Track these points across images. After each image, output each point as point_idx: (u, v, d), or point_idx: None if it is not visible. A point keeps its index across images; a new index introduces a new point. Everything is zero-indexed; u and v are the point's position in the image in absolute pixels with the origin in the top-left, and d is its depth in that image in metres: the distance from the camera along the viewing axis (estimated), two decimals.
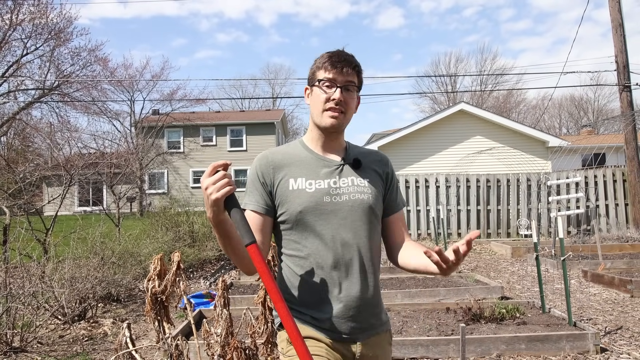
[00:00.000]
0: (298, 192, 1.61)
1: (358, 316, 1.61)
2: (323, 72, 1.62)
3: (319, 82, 1.62)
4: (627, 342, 4.69)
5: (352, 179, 1.66)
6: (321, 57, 1.65)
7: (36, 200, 13.88)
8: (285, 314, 1.36)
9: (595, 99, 49.45)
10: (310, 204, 1.59)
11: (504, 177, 13.48)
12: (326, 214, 1.60)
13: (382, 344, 1.69)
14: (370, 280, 1.64)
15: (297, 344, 1.35)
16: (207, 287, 7.79)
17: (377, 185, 1.70)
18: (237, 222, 1.40)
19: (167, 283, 2.92)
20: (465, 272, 8.55)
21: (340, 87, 1.60)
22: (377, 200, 1.68)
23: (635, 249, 10.32)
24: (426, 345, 4.31)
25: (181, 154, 30.71)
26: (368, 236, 1.64)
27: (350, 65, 1.62)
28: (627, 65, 12.81)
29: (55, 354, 4.80)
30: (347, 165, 1.68)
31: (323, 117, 1.63)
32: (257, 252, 1.38)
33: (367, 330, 1.64)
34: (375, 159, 1.76)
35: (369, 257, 1.64)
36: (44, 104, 24.22)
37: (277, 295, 1.37)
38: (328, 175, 1.65)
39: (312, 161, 1.67)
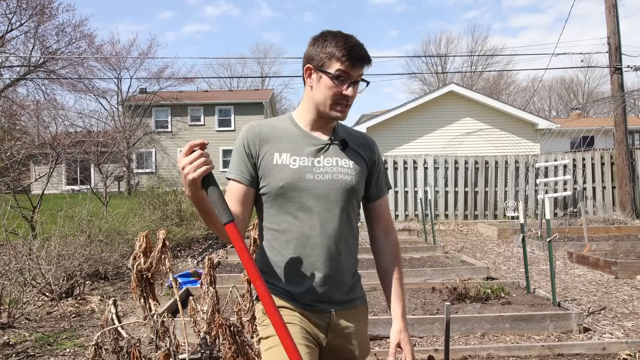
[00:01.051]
0: (281, 167, 1.61)
1: (332, 291, 1.63)
2: (338, 64, 1.57)
3: (333, 76, 1.58)
4: (610, 322, 4.77)
5: (337, 159, 1.66)
6: (336, 45, 1.58)
7: (23, 178, 13.74)
8: (262, 290, 1.37)
9: (585, 82, 49.68)
10: (292, 180, 1.60)
11: (492, 159, 13.54)
12: (307, 190, 1.61)
13: (357, 317, 1.72)
14: (347, 257, 1.67)
15: (272, 315, 1.36)
16: (194, 265, 7.80)
17: (361, 168, 1.71)
18: (214, 201, 1.40)
19: (153, 260, 2.91)
20: (452, 252, 8.63)
21: (353, 82, 1.60)
22: (360, 182, 1.69)
23: (620, 231, 10.46)
24: (411, 324, 4.35)
25: (169, 134, 30.46)
26: (347, 215, 1.66)
27: (368, 63, 1.61)
28: (619, 47, 12.82)
29: (43, 330, 4.79)
30: (333, 145, 1.69)
31: (331, 109, 1.62)
32: (234, 231, 1.38)
33: (341, 304, 1.67)
34: (362, 143, 1.77)
35: (346, 235, 1.66)
36: (30, 82, 23.87)
37: (255, 272, 1.37)
38: (313, 154, 1.65)
39: (298, 138, 1.67)
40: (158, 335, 3.05)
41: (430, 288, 5.72)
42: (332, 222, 1.62)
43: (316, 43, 1.62)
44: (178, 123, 30.62)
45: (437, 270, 6.62)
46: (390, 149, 16.46)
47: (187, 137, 29.85)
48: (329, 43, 1.59)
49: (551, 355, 3.82)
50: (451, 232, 11.93)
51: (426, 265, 7.38)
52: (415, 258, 8.03)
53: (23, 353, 4.19)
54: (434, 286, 5.74)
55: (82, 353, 4.19)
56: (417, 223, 12.21)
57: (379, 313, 4.86)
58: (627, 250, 8.18)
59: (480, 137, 15.10)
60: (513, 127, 16.77)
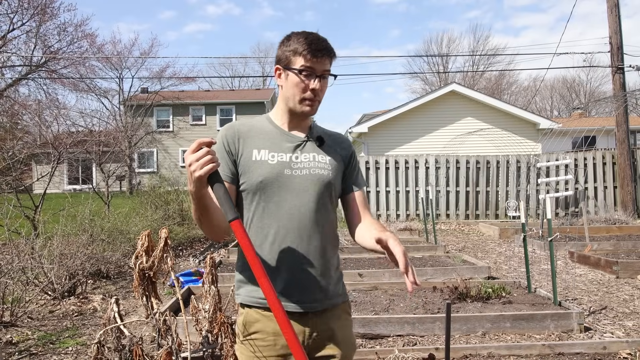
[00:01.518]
0: (260, 162, 1.65)
1: (310, 287, 1.64)
2: (302, 60, 1.62)
3: (297, 71, 1.63)
4: (611, 322, 4.78)
5: (314, 155, 1.71)
6: (297, 41, 1.64)
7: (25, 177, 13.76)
8: (266, 287, 1.38)
9: (587, 82, 49.61)
10: (270, 175, 1.64)
11: (493, 159, 13.54)
12: (285, 186, 1.64)
13: (338, 315, 1.73)
14: (325, 253, 1.68)
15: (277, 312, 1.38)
16: (196, 265, 7.82)
17: (338, 164, 1.75)
18: (220, 198, 1.42)
19: (155, 259, 2.92)
20: (453, 252, 8.64)
21: (319, 76, 1.64)
22: (336, 177, 1.73)
23: (622, 231, 10.45)
24: (412, 323, 4.36)
25: (170, 133, 30.47)
26: (324, 210, 1.69)
27: (330, 55, 1.64)
28: (621, 46, 12.81)
29: (46, 328, 4.81)
30: (310, 141, 1.73)
31: (300, 105, 1.66)
32: (240, 228, 1.40)
33: (319, 302, 1.67)
34: (338, 141, 1.82)
35: (324, 231, 1.68)
36: (31, 81, 23.90)
37: (260, 269, 1.38)
38: (291, 150, 1.69)
39: (276, 135, 1.72)
40: (160, 334, 3.07)
41: (431, 287, 5.73)
42: (311, 216, 1.64)
43: (282, 44, 1.68)
44: (179, 123, 30.63)
45: (438, 269, 6.63)
46: (391, 148, 16.48)
47: (189, 136, 29.87)
48: (292, 42, 1.65)
49: (552, 354, 3.83)
50: (452, 232, 11.93)
51: (427, 264, 7.39)
52: (416, 257, 8.04)
53: (26, 351, 4.21)
54: (435, 285, 5.74)
55: (85, 351, 4.21)
56: (419, 223, 12.21)
57: (380, 312, 4.87)
58: (628, 250, 8.18)
59: (482, 136, 15.10)
60: (514, 127, 16.77)
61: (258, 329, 1.65)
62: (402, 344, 4.13)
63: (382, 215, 13.44)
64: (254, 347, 1.65)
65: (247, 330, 1.67)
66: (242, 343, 1.69)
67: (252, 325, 1.66)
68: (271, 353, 1.64)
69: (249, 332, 1.67)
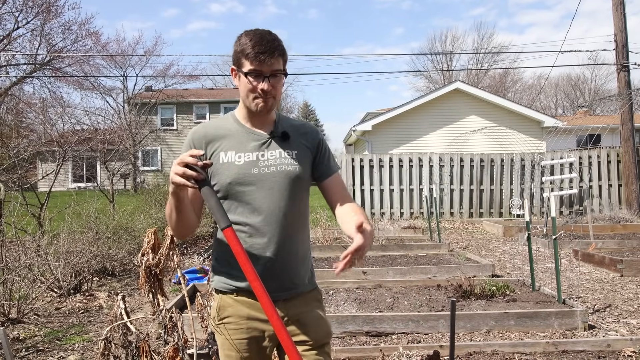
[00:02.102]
0: (228, 164, 1.71)
1: (280, 276, 1.71)
2: (248, 64, 1.66)
3: (245, 74, 1.67)
4: (615, 320, 4.78)
5: (280, 151, 1.75)
6: (245, 42, 1.66)
7: (30, 175, 13.82)
8: (259, 290, 1.46)
9: (592, 79, 49.45)
10: (238, 176, 1.70)
11: (497, 157, 13.51)
12: (254, 184, 1.70)
13: (307, 301, 1.80)
14: (295, 245, 1.75)
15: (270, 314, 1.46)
16: (200, 262, 7.85)
17: (305, 156, 1.80)
18: (212, 207, 1.50)
19: (161, 256, 2.95)
20: (457, 250, 8.65)
21: (267, 76, 1.67)
22: (304, 170, 1.77)
23: (626, 229, 10.44)
24: (416, 321, 4.38)
25: (174, 131, 30.55)
26: (294, 204, 1.74)
27: (274, 55, 1.66)
28: (626, 44, 12.77)
29: (52, 325, 4.85)
30: (275, 138, 1.77)
31: (253, 104, 1.71)
32: (232, 235, 1.47)
33: (288, 290, 1.74)
34: (304, 131, 1.85)
35: (294, 223, 1.74)
36: (36, 79, 23.98)
37: (252, 272, 1.47)
38: (256, 148, 1.74)
39: (241, 135, 1.77)
40: (166, 330, 3.09)
41: (435, 285, 5.74)
42: (280, 212, 1.70)
43: (235, 44, 1.72)
44: (183, 121, 30.69)
45: (442, 267, 6.64)
46: (395, 146, 16.47)
47: None
48: (241, 42, 1.68)
49: (555, 351, 3.84)
50: (456, 230, 11.93)
51: (431, 262, 7.39)
52: (420, 256, 8.05)
53: (32, 348, 4.25)
54: (439, 283, 5.76)
55: (91, 348, 4.24)
56: (422, 221, 12.21)
57: (384, 310, 4.89)
58: (632, 249, 8.18)
59: (486, 134, 15.08)
60: (519, 125, 16.74)
61: (230, 313, 1.74)
62: (407, 342, 4.15)
63: (387, 213, 13.45)
64: (227, 330, 1.74)
65: (220, 314, 1.76)
66: (217, 327, 1.78)
67: (225, 309, 1.75)
68: (243, 336, 1.73)
69: (222, 316, 1.76)
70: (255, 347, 1.74)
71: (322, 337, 1.78)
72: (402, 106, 17.09)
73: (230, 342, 1.73)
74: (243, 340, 1.72)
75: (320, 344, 1.76)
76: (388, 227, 11.16)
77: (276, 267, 1.70)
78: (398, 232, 10.67)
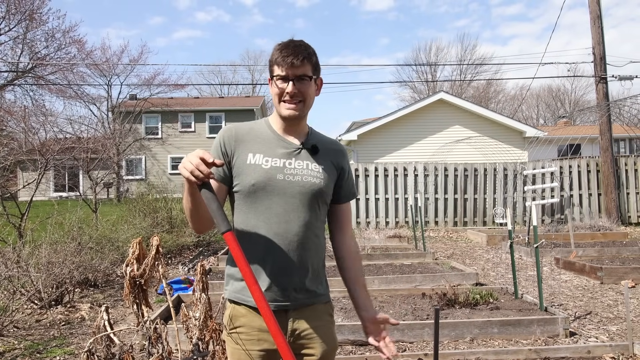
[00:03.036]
0: (254, 166, 1.71)
1: (292, 288, 1.71)
2: (277, 68, 1.69)
3: (272, 79, 1.71)
4: (596, 327, 4.85)
5: (308, 163, 1.76)
6: (274, 50, 1.71)
7: (10, 185, 13.61)
8: (258, 295, 1.45)
9: (572, 91, 50.27)
10: (263, 179, 1.70)
11: (481, 167, 13.66)
12: (277, 190, 1.70)
13: (319, 315, 1.79)
14: (310, 257, 1.74)
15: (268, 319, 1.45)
16: (185, 272, 7.79)
17: (331, 174, 1.81)
18: (213, 212, 1.48)
19: (146, 267, 2.93)
20: (442, 259, 8.70)
21: (293, 79, 1.68)
22: (328, 187, 1.79)
23: (606, 237, 10.60)
24: (401, 330, 4.40)
25: (159, 140, 30.34)
26: (313, 217, 1.74)
27: (299, 58, 1.68)
28: (604, 57, 13.03)
29: (32, 337, 4.78)
30: (305, 149, 1.78)
31: (281, 108, 1.73)
32: (232, 240, 1.47)
33: (300, 301, 1.73)
34: (334, 149, 1.87)
35: (311, 236, 1.74)
36: (18, 87, 23.70)
37: (251, 277, 1.46)
38: (285, 156, 1.75)
39: (272, 140, 1.77)
40: (150, 342, 3.07)
41: (420, 294, 5.78)
42: (298, 222, 1.71)
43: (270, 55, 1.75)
44: (168, 129, 30.51)
45: (427, 276, 6.68)
46: (380, 156, 16.56)
47: (178, 143, 29.78)
48: (273, 52, 1.72)
49: (538, 358, 3.88)
50: (441, 239, 12.01)
51: (416, 271, 7.43)
52: (405, 264, 8.09)
53: None
54: (424, 292, 5.79)
55: None
56: (407, 230, 12.27)
57: None
58: (612, 256, 8.31)
59: (470, 144, 15.25)
60: (501, 135, 16.96)
61: (243, 323, 1.73)
62: None
63: (372, 222, 13.49)
64: (238, 340, 1.72)
65: (232, 323, 1.75)
66: (228, 335, 1.76)
67: (238, 319, 1.74)
68: (254, 347, 1.71)
69: (234, 325, 1.74)
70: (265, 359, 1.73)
71: (329, 352, 1.79)
72: (387, 116, 17.22)
73: (241, 352, 1.72)
74: (254, 352, 1.71)
75: (326, 358, 1.78)
76: (374, 236, 11.20)
77: (290, 278, 1.70)
78: (383, 241, 10.71)
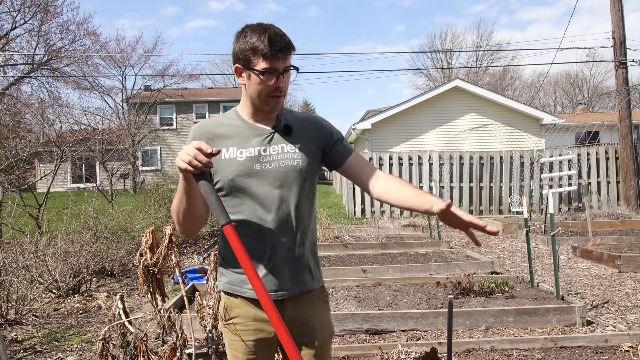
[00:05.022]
0: (229, 161, 1.68)
1: (285, 274, 1.69)
2: (262, 62, 1.59)
3: (259, 72, 1.61)
4: (613, 315, 4.78)
5: (282, 146, 1.72)
6: (256, 39, 1.59)
7: (28, 176, 13.81)
8: (259, 287, 1.44)
9: (590, 77, 49.42)
10: (240, 172, 1.67)
11: (497, 155, 13.51)
12: (256, 180, 1.67)
13: (314, 302, 1.78)
14: (300, 241, 1.72)
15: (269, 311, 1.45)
16: (200, 262, 7.84)
17: (311, 148, 1.75)
18: (212, 204, 1.47)
19: (159, 256, 2.94)
20: (457, 247, 8.65)
21: (281, 73, 1.63)
22: (309, 164, 1.73)
23: (625, 225, 10.44)
24: (416, 318, 4.38)
25: (174, 131, 30.55)
26: (300, 199, 1.71)
27: (289, 52, 1.63)
28: (624, 41, 12.76)
29: (50, 326, 4.85)
30: (277, 132, 1.74)
31: (265, 103, 1.67)
32: (232, 232, 1.45)
33: (294, 288, 1.71)
34: (308, 122, 1.81)
35: (298, 219, 1.71)
36: (34, 80, 23.95)
37: (252, 269, 1.45)
38: (258, 144, 1.71)
39: (244, 130, 1.73)
40: (165, 330, 3.09)
41: (434, 283, 5.75)
42: (285, 208, 1.68)
43: (238, 40, 1.64)
44: (183, 120, 30.69)
45: (441, 265, 6.64)
46: (395, 145, 16.46)
47: None
48: (249, 38, 1.60)
49: (554, 347, 3.84)
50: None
51: (431, 260, 7.40)
52: (420, 253, 8.05)
53: (31, 349, 4.24)
54: (439, 281, 5.76)
55: (90, 348, 4.24)
56: (422, 219, 12.21)
57: (384, 307, 4.89)
58: (631, 245, 8.18)
59: (485, 132, 15.08)
60: (518, 123, 16.73)
61: (238, 313, 1.73)
62: (406, 339, 4.15)
63: (386, 211, 13.44)
64: (235, 331, 1.72)
65: (228, 314, 1.75)
66: (224, 327, 1.77)
67: (233, 309, 1.73)
68: (250, 337, 1.71)
69: (230, 316, 1.74)
70: (262, 348, 1.73)
71: (326, 338, 1.79)
72: (401, 104, 17.08)
73: (238, 342, 1.72)
74: (250, 342, 1.71)
75: (323, 344, 1.77)
76: (388, 225, 11.16)
77: (283, 267, 1.68)
78: (398, 230, 10.67)
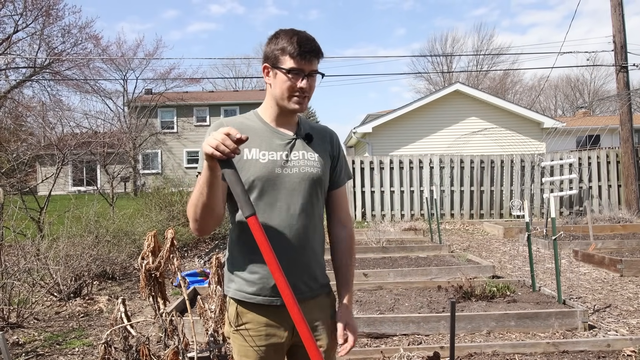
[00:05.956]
0: (252, 161, 1.69)
1: (297, 278, 1.69)
2: (290, 61, 1.65)
3: (286, 71, 1.66)
4: (615, 320, 4.78)
5: (303, 152, 1.75)
6: (286, 40, 1.65)
7: (29, 179, 13.83)
8: (281, 282, 1.41)
9: (591, 80, 49.42)
10: (262, 174, 1.68)
11: (497, 158, 13.52)
12: (277, 184, 1.69)
13: (322, 307, 1.80)
14: (312, 248, 1.74)
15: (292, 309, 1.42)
16: (201, 265, 7.84)
17: (326, 160, 1.80)
18: (237, 195, 1.44)
19: (161, 259, 2.94)
20: (458, 251, 8.64)
21: (307, 75, 1.67)
22: (325, 173, 1.78)
23: (626, 229, 10.43)
24: (417, 322, 4.37)
25: (175, 134, 30.59)
26: (312, 206, 1.74)
27: (317, 55, 1.68)
28: (625, 45, 12.77)
29: (52, 329, 4.84)
30: (299, 139, 1.77)
31: (289, 103, 1.70)
32: (256, 224, 1.42)
33: (304, 293, 1.72)
34: (324, 135, 1.85)
35: (314, 226, 1.74)
36: (35, 83, 23.99)
37: (275, 263, 1.41)
38: (281, 148, 1.73)
39: (266, 133, 1.75)
40: (167, 334, 3.09)
41: (436, 287, 5.74)
42: (301, 214, 1.70)
43: (270, 42, 1.71)
44: (184, 124, 30.74)
45: (443, 269, 6.63)
46: (395, 148, 16.47)
47: (193, 137, 29.98)
48: (280, 40, 1.67)
49: (556, 352, 3.84)
50: (457, 231, 11.93)
51: (432, 264, 7.39)
52: (421, 257, 8.05)
53: (32, 352, 4.24)
54: (440, 285, 5.75)
55: (91, 352, 4.24)
56: (423, 222, 12.21)
57: (385, 311, 4.89)
58: (632, 249, 8.17)
59: (486, 136, 15.08)
60: (519, 126, 16.75)
61: (249, 319, 1.72)
62: (408, 343, 4.15)
63: (387, 215, 13.44)
64: (246, 337, 1.71)
65: (239, 320, 1.73)
66: (234, 333, 1.74)
67: (245, 315, 1.72)
68: (262, 343, 1.70)
69: (241, 321, 1.73)
70: (273, 354, 1.72)
71: (333, 344, 1.80)
72: (402, 108, 17.10)
73: (249, 347, 1.70)
74: (262, 347, 1.70)
75: (330, 349, 1.78)
76: (389, 228, 11.15)
77: (296, 271, 1.68)
78: (399, 234, 10.67)
